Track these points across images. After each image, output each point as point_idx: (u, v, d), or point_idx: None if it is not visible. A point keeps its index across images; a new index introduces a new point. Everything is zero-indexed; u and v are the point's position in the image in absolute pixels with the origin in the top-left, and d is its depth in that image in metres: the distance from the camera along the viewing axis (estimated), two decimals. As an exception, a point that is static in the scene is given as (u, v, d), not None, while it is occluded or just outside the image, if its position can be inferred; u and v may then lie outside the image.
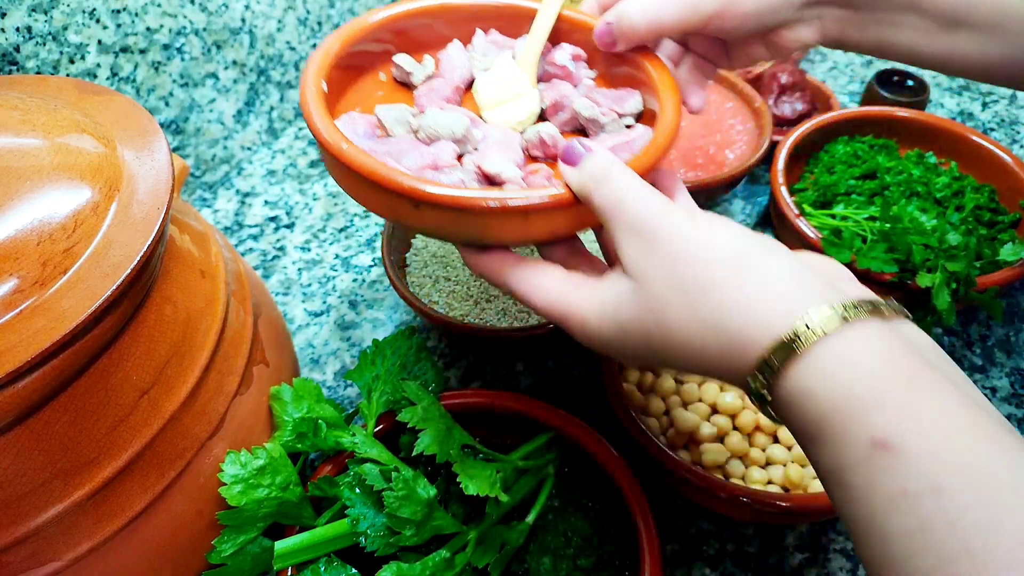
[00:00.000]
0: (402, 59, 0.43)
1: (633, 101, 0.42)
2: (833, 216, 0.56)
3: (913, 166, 0.59)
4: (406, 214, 0.34)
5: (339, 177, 0.37)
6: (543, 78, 0.44)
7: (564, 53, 0.44)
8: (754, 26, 0.40)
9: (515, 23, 0.45)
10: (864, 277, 0.50)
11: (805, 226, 0.54)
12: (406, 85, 0.44)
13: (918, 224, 0.51)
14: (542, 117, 0.43)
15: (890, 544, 0.23)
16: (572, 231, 0.36)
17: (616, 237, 0.30)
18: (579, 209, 0.33)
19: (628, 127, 0.41)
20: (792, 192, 0.61)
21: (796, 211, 0.55)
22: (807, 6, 0.39)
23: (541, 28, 0.43)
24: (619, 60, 0.43)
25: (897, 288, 0.51)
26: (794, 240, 0.57)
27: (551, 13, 0.43)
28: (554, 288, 0.33)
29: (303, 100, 0.38)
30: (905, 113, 0.63)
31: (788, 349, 0.25)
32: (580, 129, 0.42)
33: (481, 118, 0.41)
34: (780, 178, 0.58)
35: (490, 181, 0.37)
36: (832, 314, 0.25)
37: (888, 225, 0.52)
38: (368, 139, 0.39)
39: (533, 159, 0.40)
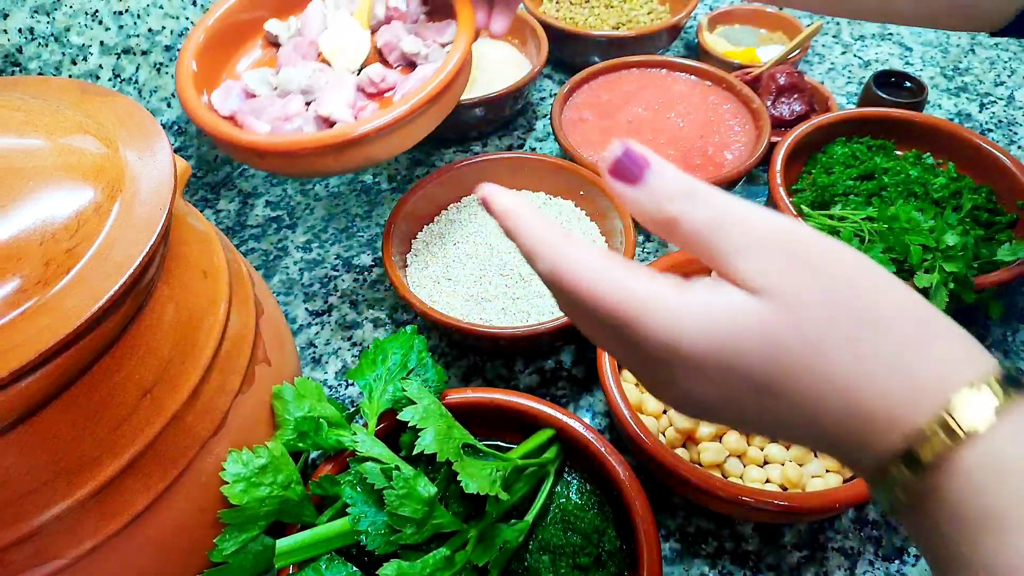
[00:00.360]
0: (271, 24, 0.54)
1: (451, 30, 0.52)
2: (831, 217, 0.57)
3: (911, 167, 0.60)
4: (257, 162, 0.48)
5: (212, 141, 0.50)
6: (385, 20, 0.55)
7: None
8: None
9: None
10: None
11: None
12: (278, 45, 0.55)
13: (916, 224, 0.51)
14: (381, 55, 0.54)
15: None
16: (388, 157, 0.47)
17: (727, 257, 0.23)
18: (389, 138, 0.45)
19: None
20: (790, 193, 0.61)
21: (794, 212, 0.56)
22: None
23: None
24: None
25: None
26: None
27: None
28: (611, 271, 0.24)
29: (178, 88, 0.48)
30: (903, 114, 0.63)
31: (987, 408, 0.21)
32: (411, 63, 0.53)
33: (328, 64, 0.53)
34: (778, 179, 0.58)
35: (327, 122, 0.48)
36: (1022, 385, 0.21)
37: (886, 226, 0.52)
38: (239, 101, 0.50)
39: (371, 95, 0.51)
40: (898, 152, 0.63)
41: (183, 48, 0.49)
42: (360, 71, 0.53)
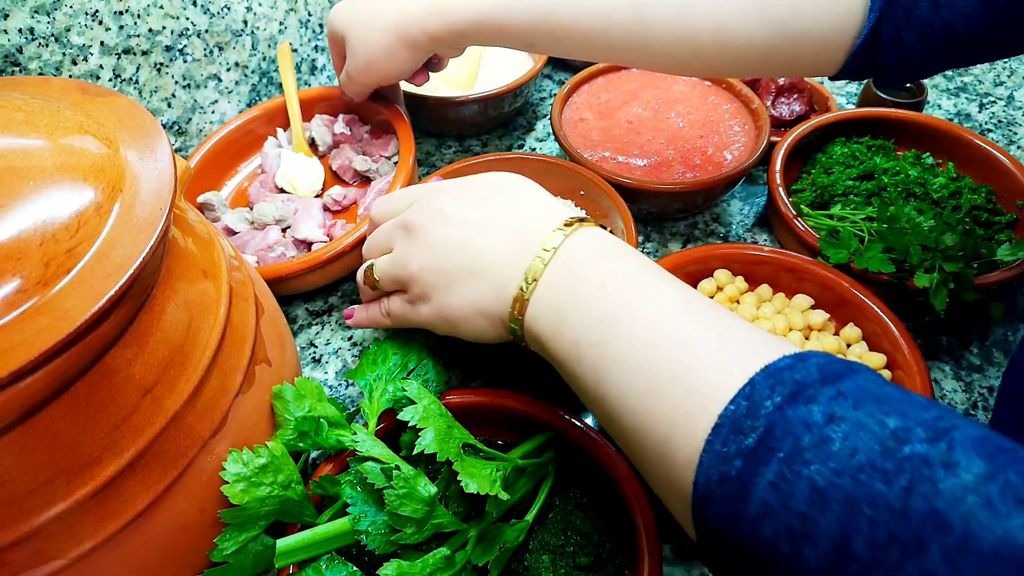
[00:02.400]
0: (206, 196, 0.61)
1: (393, 144, 0.64)
2: (831, 217, 0.57)
3: (910, 167, 0.60)
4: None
5: None
6: (334, 144, 0.66)
7: (341, 123, 0.65)
8: (408, 73, 0.57)
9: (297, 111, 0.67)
10: (862, 277, 0.51)
11: (803, 226, 0.55)
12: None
13: (915, 224, 0.52)
14: (338, 176, 0.65)
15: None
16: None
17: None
18: (356, 252, 0.54)
19: (396, 163, 0.62)
20: (790, 193, 0.61)
21: (793, 212, 0.56)
22: (428, 51, 0.55)
23: (294, 117, 0.66)
24: (374, 111, 0.65)
25: (895, 288, 0.51)
26: (792, 240, 0.57)
27: (294, 106, 0.66)
28: None
29: None
30: (903, 114, 0.63)
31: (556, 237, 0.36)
32: (366, 177, 0.63)
33: (287, 192, 0.63)
34: (778, 179, 0.58)
35: (305, 244, 0.57)
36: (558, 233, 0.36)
37: (885, 226, 0.52)
38: (229, 237, 0.59)
39: (336, 213, 0.61)
40: (898, 152, 0.63)
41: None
42: (323, 194, 0.62)
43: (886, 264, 0.50)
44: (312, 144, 0.66)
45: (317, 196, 0.63)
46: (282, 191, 0.63)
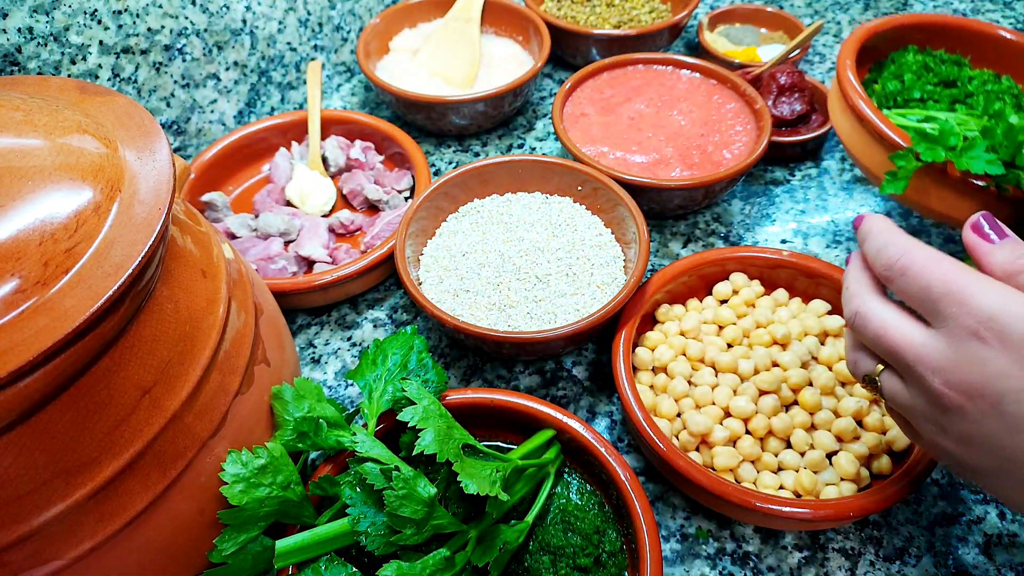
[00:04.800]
0: (210, 195, 0.62)
1: (407, 179, 0.65)
2: (904, 116, 0.50)
3: (993, 82, 0.53)
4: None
5: None
6: (345, 167, 0.66)
7: (357, 148, 0.67)
8: None
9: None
10: (961, 182, 0.43)
11: (880, 121, 0.47)
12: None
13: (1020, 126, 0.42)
14: (346, 199, 0.65)
15: None
16: (363, 289, 0.58)
17: None
18: (367, 276, 0.56)
19: (407, 199, 0.64)
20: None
21: (868, 105, 0.47)
22: None
23: (313, 135, 0.67)
24: (391, 144, 0.67)
25: (997, 197, 0.43)
26: (865, 139, 0.50)
27: (315, 123, 0.67)
28: (947, 258, 0.30)
29: None
30: (984, 25, 0.57)
31: None
32: (374, 206, 0.64)
33: (295, 207, 0.63)
34: (850, 74, 0.51)
35: (307, 261, 0.58)
36: None
37: (992, 121, 0.43)
38: (229, 240, 0.57)
39: (341, 236, 0.61)
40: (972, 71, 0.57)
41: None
42: (330, 214, 0.63)
43: (993, 164, 0.41)
44: (323, 162, 0.67)
45: (323, 216, 0.63)
46: (289, 204, 0.63)
